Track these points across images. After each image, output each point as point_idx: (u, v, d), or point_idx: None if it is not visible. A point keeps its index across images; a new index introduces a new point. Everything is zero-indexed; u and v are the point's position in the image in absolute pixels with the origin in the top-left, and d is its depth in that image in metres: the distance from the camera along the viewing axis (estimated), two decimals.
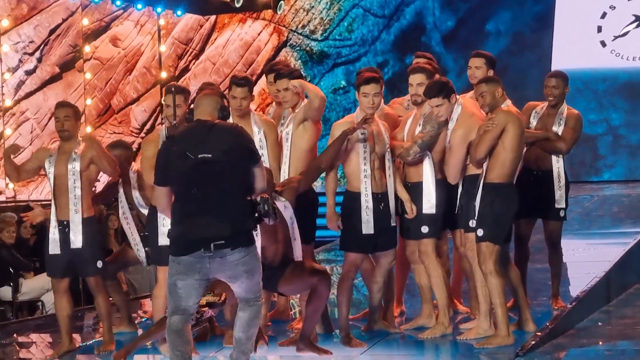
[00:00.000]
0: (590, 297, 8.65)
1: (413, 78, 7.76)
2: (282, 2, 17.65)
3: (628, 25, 18.65)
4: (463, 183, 7.68)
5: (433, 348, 7.56)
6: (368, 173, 7.52)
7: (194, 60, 18.49)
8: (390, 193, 7.62)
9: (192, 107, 6.39)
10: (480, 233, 7.33)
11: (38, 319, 10.42)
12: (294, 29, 20.14)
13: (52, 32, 15.75)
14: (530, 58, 18.91)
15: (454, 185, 7.71)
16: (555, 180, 8.34)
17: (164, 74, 17.50)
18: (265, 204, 6.10)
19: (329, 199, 7.60)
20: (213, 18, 18.68)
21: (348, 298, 7.56)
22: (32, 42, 15.45)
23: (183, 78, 18.13)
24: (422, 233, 7.73)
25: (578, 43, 18.66)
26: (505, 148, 7.30)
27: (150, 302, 6.19)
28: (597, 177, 18.55)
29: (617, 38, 18.71)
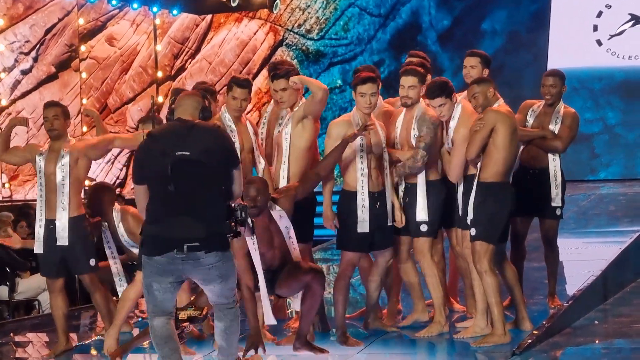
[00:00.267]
0: (587, 295, 8.65)
1: (405, 80, 7.70)
2: (278, 1, 17.63)
3: (624, 24, 18.62)
4: (463, 182, 7.68)
5: (429, 347, 7.56)
6: (365, 172, 7.49)
7: (190, 60, 18.47)
8: (387, 192, 7.62)
9: (172, 106, 6.33)
10: (474, 232, 7.33)
11: (34, 319, 10.40)
12: (290, 28, 20.13)
13: (48, 31, 15.72)
14: (526, 57, 18.89)
15: (453, 184, 7.71)
16: (552, 179, 8.33)
17: (160, 74, 17.48)
18: (243, 212, 5.93)
19: (326, 198, 7.59)
20: (209, 17, 18.66)
21: (345, 297, 7.55)
22: (28, 41, 15.41)
23: (179, 77, 18.11)
24: (420, 231, 7.73)
25: (574, 42, 18.64)
26: (497, 147, 7.29)
27: (145, 302, 6.14)
28: (593, 175, 18.54)
29: (613, 37, 18.69)
